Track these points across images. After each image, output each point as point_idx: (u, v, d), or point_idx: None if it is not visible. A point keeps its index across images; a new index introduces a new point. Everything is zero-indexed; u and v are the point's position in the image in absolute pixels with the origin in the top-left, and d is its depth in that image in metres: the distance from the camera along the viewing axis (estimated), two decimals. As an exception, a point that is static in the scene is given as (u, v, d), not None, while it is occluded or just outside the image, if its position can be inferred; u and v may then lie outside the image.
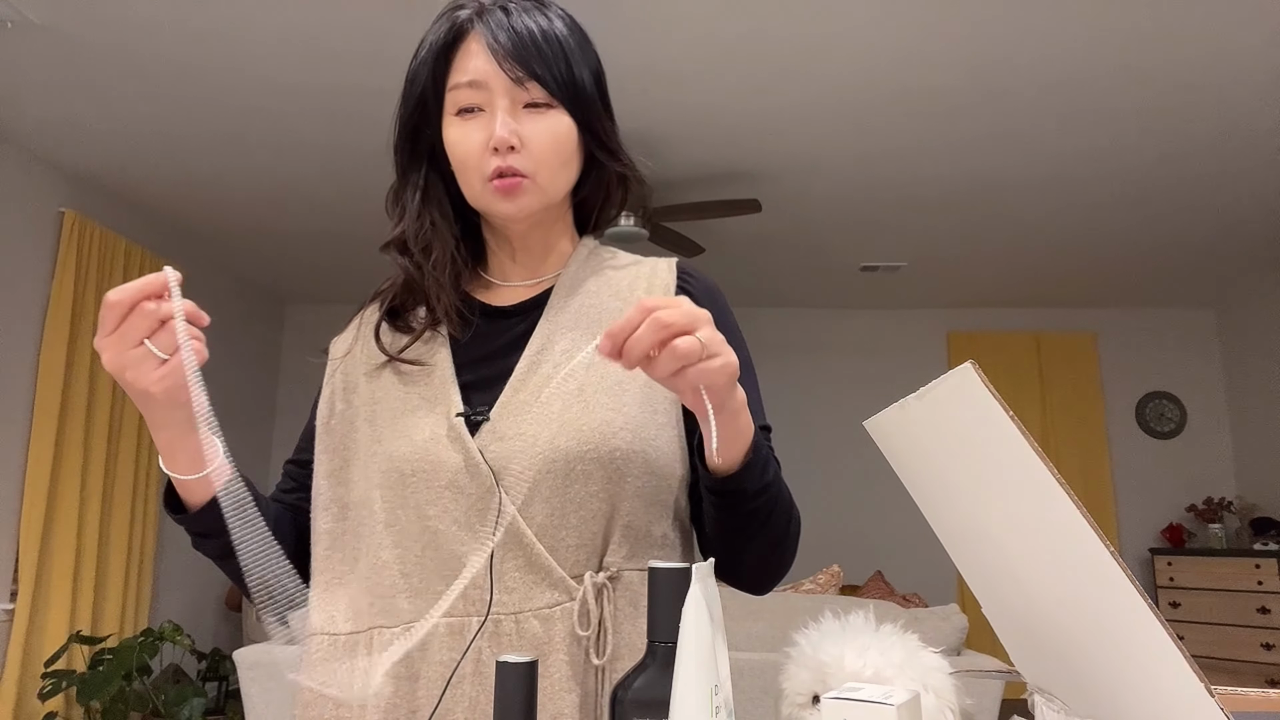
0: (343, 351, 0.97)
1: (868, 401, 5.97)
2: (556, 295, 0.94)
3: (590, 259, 0.99)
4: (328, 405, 0.94)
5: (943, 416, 0.57)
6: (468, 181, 0.89)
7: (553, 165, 0.88)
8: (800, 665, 0.77)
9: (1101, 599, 0.49)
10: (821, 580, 3.31)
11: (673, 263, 0.99)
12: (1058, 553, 0.52)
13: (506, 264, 0.98)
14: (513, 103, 0.86)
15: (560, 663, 0.80)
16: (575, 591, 0.82)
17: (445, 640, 0.82)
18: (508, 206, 0.88)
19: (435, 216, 0.94)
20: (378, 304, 0.97)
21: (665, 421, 0.88)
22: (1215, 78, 3.21)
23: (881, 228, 4.78)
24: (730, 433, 0.76)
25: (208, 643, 5.17)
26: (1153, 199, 4.32)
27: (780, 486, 0.86)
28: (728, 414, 0.75)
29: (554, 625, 0.81)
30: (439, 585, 0.83)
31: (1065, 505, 0.48)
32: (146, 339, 0.72)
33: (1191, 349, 6.17)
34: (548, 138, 0.87)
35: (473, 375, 0.90)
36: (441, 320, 0.92)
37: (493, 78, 0.86)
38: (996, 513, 0.57)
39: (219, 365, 5.32)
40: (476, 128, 0.87)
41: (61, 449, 3.90)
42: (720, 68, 3.20)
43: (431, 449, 0.84)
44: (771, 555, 0.87)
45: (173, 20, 2.89)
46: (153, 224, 4.65)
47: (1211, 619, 5.17)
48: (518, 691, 0.56)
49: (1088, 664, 0.55)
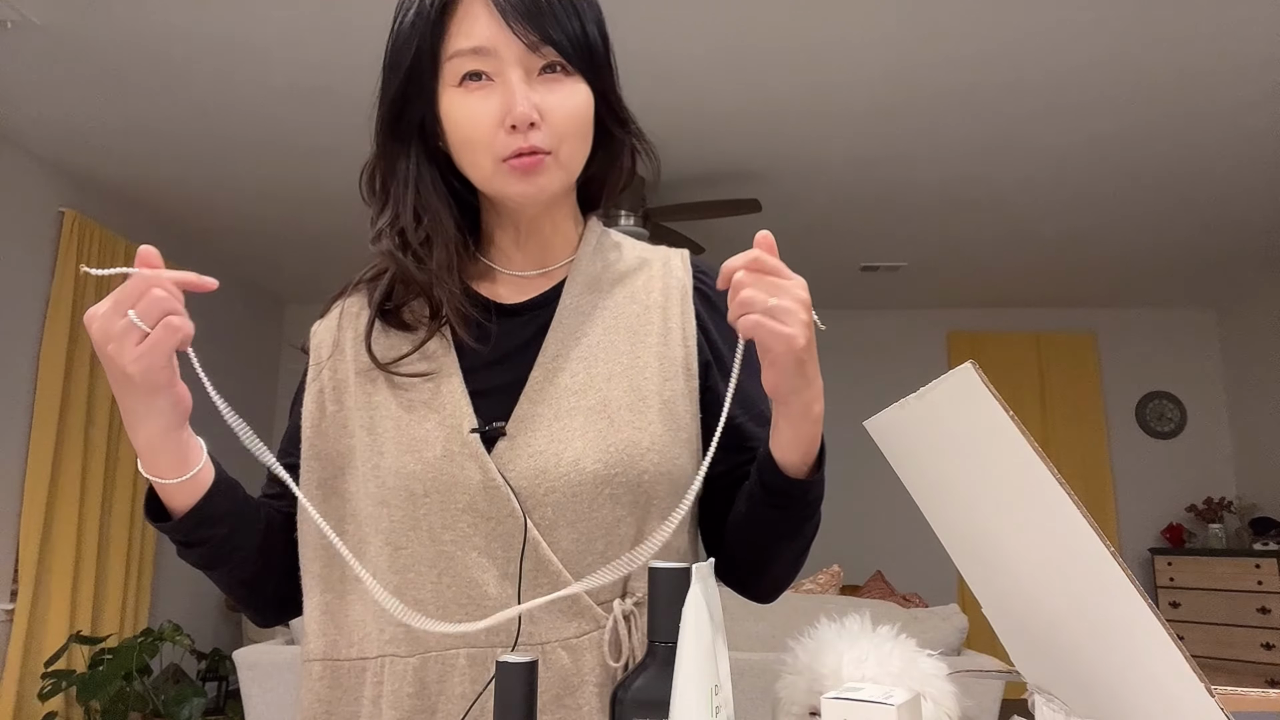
0: (329, 349, 0.87)
1: (868, 401, 5.94)
2: (569, 293, 0.86)
3: (600, 247, 0.90)
4: (316, 406, 0.85)
5: (943, 416, 0.57)
6: (475, 162, 0.79)
7: (574, 140, 0.79)
8: (797, 675, 0.76)
9: (1101, 599, 0.49)
10: (822, 580, 3.31)
11: (687, 258, 0.93)
12: (1058, 553, 0.52)
13: (510, 250, 0.89)
14: (527, 71, 0.76)
15: (590, 695, 0.76)
16: (603, 620, 0.77)
17: (466, 672, 0.76)
18: (526, 188, 0.78)
19: (432, 205, 0.83)
20: (364, 296, 0.88)
21: (687, 438, 0.83)
22: (1216, 78, 3.21)
23: (881, 228, 4.78)
24: (800, 431, 0.74)
25: (208, 643, 5.17)
26: (1153, 199, 4.32)
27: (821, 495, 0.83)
28: (798, 407, 0.73)
29: (582, 656, 0.77)
30: (458, 614, 0.76)
31: (1065, 505, 0.48)
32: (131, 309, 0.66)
33: (1191, 349, 6.17)
34: (569, 109, 0.78)
35: (482, 382, 0.82)
36: (447, 322, 0.83)
37: (503, 43, 0.76)
38: (996, 513, 0.57)
39: (219, 365, 5.31)
40: (485, 100, 0.76)
41: (61, 449, 3.90)
42: (720, 67, 3.20)
43: (446, 468, 0.77)
44: (794, 565, 0.85)
45: (173, 20, 2.89)
46: (153, 224, 4.65)
47: (1211, 619, 5.17)
48: (518, 691, 0.56)
49: (1088, 664, 0.55)
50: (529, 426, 0.79)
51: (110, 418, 4.18)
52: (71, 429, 3.94)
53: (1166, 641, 0.46)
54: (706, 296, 0.90)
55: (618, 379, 0.81)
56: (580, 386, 0.80)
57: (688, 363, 0.85)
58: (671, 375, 0.84)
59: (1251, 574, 5.05)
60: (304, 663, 0.82)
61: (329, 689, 0.80)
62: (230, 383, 5.30)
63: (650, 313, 0.86)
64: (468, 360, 0.83)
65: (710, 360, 0.88)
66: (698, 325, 0.88)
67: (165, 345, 0.67)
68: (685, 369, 0.85)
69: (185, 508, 0.76)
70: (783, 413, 0.75)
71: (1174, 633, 0.46)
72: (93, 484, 4.07)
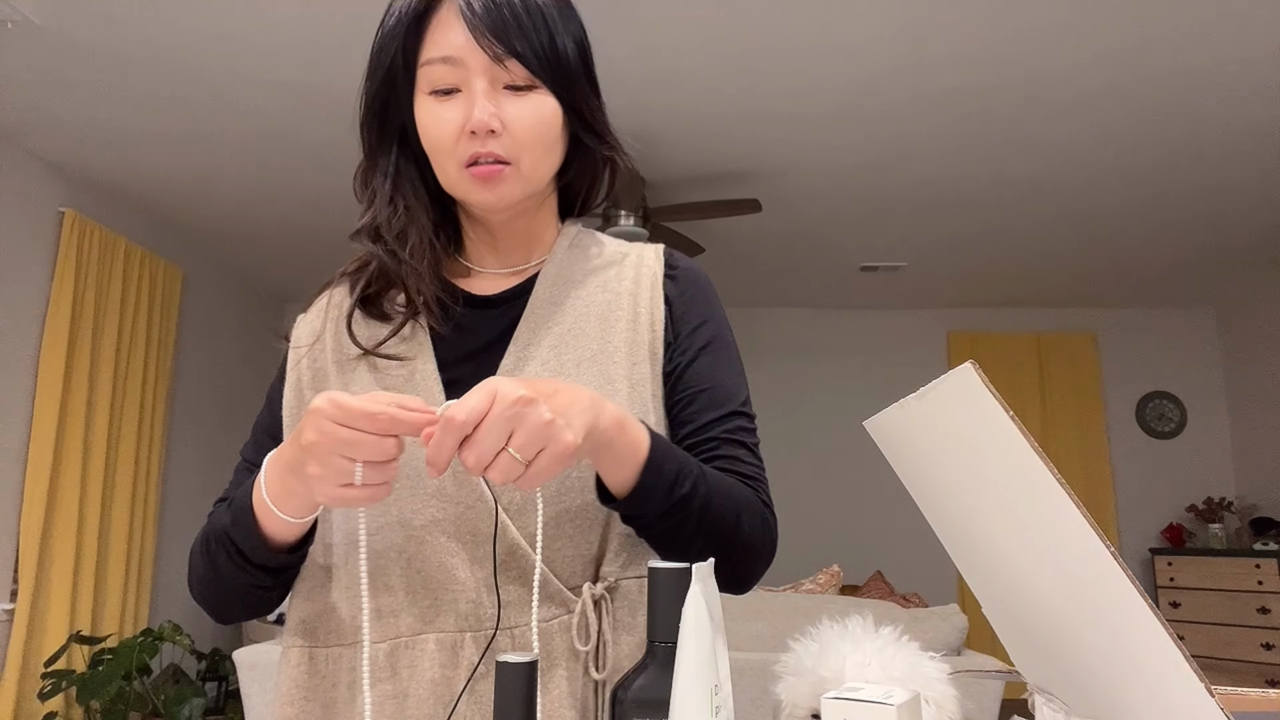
0: (310, 338, 0.90)
1: (868, 401, 5.97)
2: (541, 285, 0.88)
3: (574, 247, 0.93)
4: (296, 396, 0.87)
5: (943, 416, 0.57)
6: (442, 167, 0.82)
7: (536, 151, 0.81)
8: (799, 678, 0.76)
9: (1101, 599, 0.49)
10: (821, 580, 3.31)
11: (659, 251, 0.94)
12: (1058, 553, 0.52)
13: (485, 252, 0.92)
14: (491, 82, 0.79)
15: (559, 678, 0.77)
16: (573, 604, 0.78)
17: (436, 657, 0.77)
18: (486, 196, 0.81)
19: (410, 201, 0.87)
20: (347, 287, 0.90)
21: (655, 421, 0.84)
22: (1216, 77, 3.21)
23: (881, 228, 4.78)
24: (610, 464, 0.72)
25: (208, 643, 5.17)
26: (1153, 199, 4.32)
27: (709, 496, 0.78)
28: (599, 451, 0.71)
29: (552, 640, 0.78)
30: (425, 599, 0.78)
31: (1065, 505, 0.48)
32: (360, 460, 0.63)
33: (1191, 349, 6.17)
34: (530, 121, 0.80)
35: (455, 372, 0.84)
36: (421, 311, 0.85)
37: (469, 54, 0.78)
38: (996, 513, 0.57)
39: (219, 365, 5.32)
40: (452, 109, 0.80)
41: (61, 449, 3.90)
42: (720, 68, 3.20)
43: (416, 452, 0.78)
44: (726, 561, 0.79)
45: (172, 20, 2.89)
46: (153, 224, 4.65)
47: (1211, 619, 5.17)
48: (518, 691, 0.56)
49: (1088, 664, 0.55)
50: None
51: (110, 418, 4.18)
52: (71, 429, 3.94)
53: (1166, 641, 0.46)
54: (676, 280, 0.92)
55: (586, 365, 0.83)
56: (550, 373, 0.82)
57: (654, 346, 0.87)
58: (639, 359, 0.85)
59: (1251, 574, 5.05)
60: (284, 648, 0.83)
61: (307, 675, 0.81)
62: (230, 382, 5.31)
63: (621, 299, 0.88)
64: (443, 350, 0.85)
65: (673, 340, 0.89)
66: (666, 310, 0.89)
67: (356, 503, 0.65)
68: (651, 353, 0.87)
69: (287, 541, 0.76)
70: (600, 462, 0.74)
71: (1174, 633, 0.46)
72: (93, 484, 4.07)
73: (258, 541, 0.76)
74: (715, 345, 0.90)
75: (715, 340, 0.91)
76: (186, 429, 4.95)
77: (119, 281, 4.25)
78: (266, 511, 0.74)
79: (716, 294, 0.94)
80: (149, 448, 4.47)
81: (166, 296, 4.68)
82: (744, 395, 0.89)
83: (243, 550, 0.77)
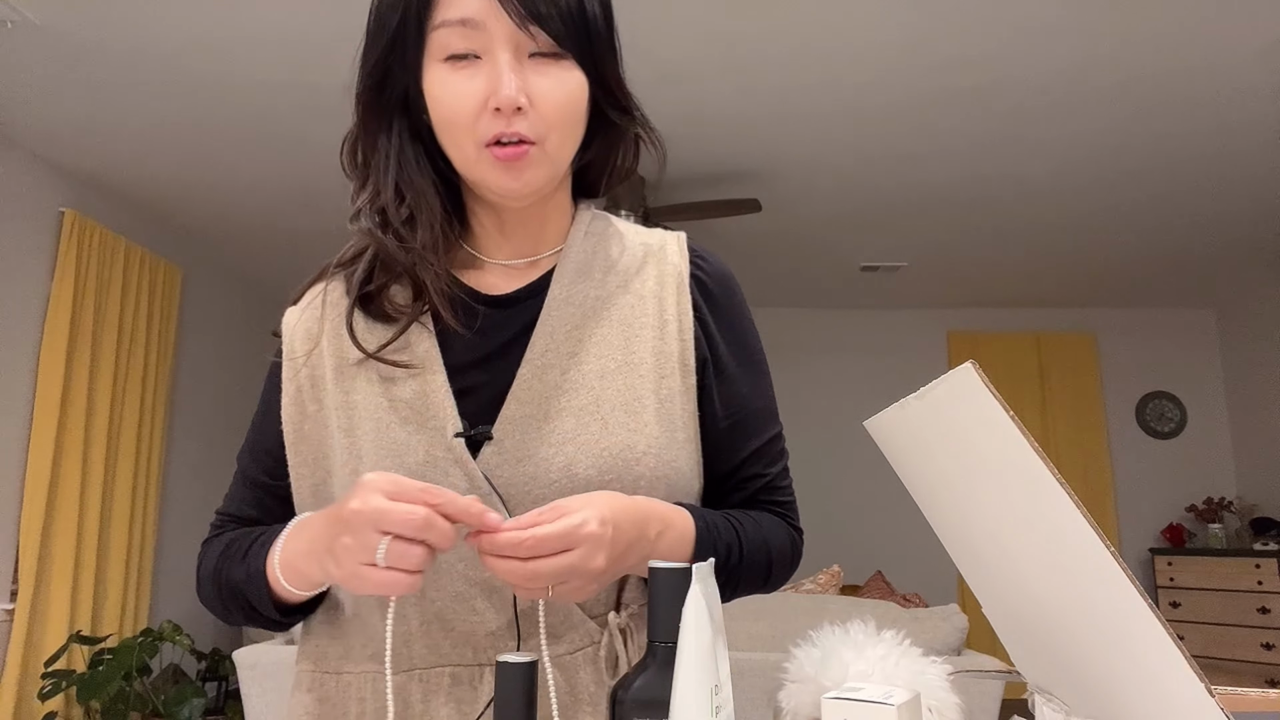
0: (307, 344, 0.81)
1: (868, 401, 5.96)
2: (558, 282, 0.80)
3: (590, 235, 0.84)
4: (296, 407, 0.79)
5: (943, 416, 0.57)
6: (457, 143, 0.73)
7: (563, 130, 0.73)
8: (801, 684, 0.75)
9: (1101, 599, 0.49)
10: (822, 580, 3.31)
11: (683, 241, 0.87)
12: (1058, 553, 0.52)
13: (494, 238, 0.82)
14: (516, 51, 0.70)
15: (585, 715, 0.73)
16: (597, 635, 0.74)
17: (450, 691, 0.73)
18: (510, 182, 0.73)
19: (418, 181, 0.77)
20: (343, 282, 0.81)
21: (685, 439, 0.79)
22: (1215, 78, 3.21)
23: (881, 228, 4.78)
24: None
25: (208, 643, 5.16)
26: (1153, 199, 4.32)
27: (744, 554, 0.77)
28: (639, 559, 0.69)
29: (577, 673, 0.74)
30: (439, 630, 0.74)
31: (1065, 505, 0.48)
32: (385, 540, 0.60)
33: (1191, 349, 6.17)
34: (559, 96, 0.72)
35: (467, 380, 0.77)
36: (436, 309, 0.77)
37: (492, 18, 0.70)
38: (997, 513, 0.57)
39: (219, 365, 5.32)
40: (470, 79, 0.71)
41: (61, 449, 3.90)
42: (721, 68, 3.20)
43: (428, 475, 0.72)
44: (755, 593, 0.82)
45: (172, 20, 2.89)
46: (153, 224, 4.65)
47: (1211, 619, 5.17)
48: (518, 691, 0.56)
49: (1088, 664, 0.55)
50: (517, 430, 0.74)
51: (110, 418, 4.18)
52: (71, 429, 3.94)
53: (1166, 641, 0.46)
54: (704, 285, 0.85)
55: (611, 376, 0.76)
56: (571, 385, 0.75)
57: (684, 358, 0.81)
58: (668, 372, 0.79)
59: (1251, 574, 5.05)
60: (296, 672, 0.81)
61: (317, 702, 0.78)
62: (230, 382, 5.31)
63: (645, 303, 0.81)
64: (452, 356, 0.77)
65: (708, 357, 0.83)
66: (695, 317, 0.83)
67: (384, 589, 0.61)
68: (682, 364, 0.80)
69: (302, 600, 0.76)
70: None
71: (1174, 633, 0.46)
72: (93, 484, 4.06)
73: (271, 601, 0.75)
74: (750, 359, 0.87)
75: (750, 353, 0.87)
76: (186, 429, 4.94)
77: (119, 281, 4.25)
78: (278, 580, 0.73)
79: (743, 294, 0.89)
80: (149, 447, 4.46)
81: (166, 296, 4.68)
82: (775, 408, 0.87)
83: (256, 607, 0.77)
